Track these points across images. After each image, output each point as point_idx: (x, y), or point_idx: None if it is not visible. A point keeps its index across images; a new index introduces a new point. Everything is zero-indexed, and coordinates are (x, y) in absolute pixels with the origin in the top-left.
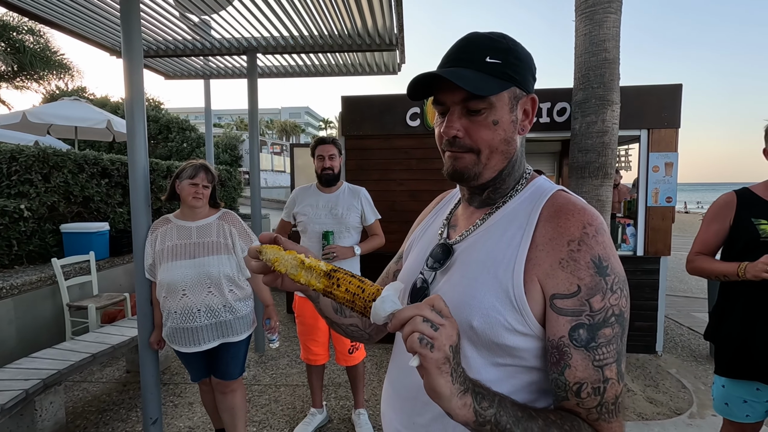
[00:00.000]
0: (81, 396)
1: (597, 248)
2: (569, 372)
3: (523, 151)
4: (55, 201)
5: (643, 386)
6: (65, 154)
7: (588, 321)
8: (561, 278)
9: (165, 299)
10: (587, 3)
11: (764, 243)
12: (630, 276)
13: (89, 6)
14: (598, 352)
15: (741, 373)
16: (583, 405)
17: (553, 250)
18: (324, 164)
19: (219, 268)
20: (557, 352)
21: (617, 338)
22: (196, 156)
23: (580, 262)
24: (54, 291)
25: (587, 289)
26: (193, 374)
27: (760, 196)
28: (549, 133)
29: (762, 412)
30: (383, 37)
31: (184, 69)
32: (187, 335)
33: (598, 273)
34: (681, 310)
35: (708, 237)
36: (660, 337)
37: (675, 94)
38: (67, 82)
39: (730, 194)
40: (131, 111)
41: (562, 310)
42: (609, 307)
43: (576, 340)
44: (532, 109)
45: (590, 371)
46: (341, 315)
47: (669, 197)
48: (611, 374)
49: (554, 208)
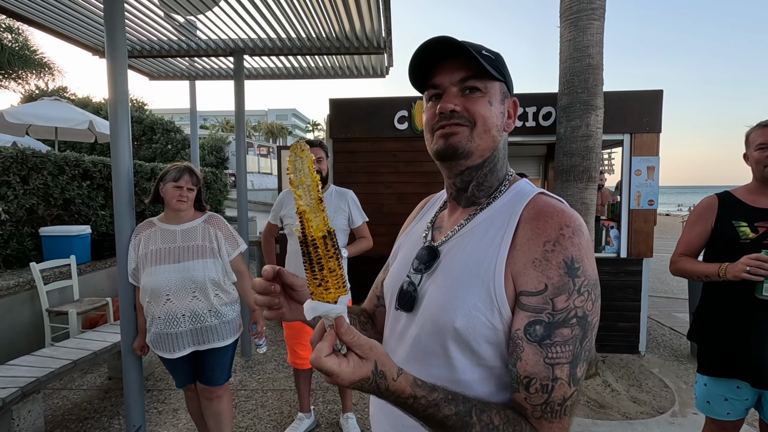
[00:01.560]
0: (61, 404)
1: (571, 249)
2: (520, 364)
3: (506, 152)
4: (34, 203)
5: (627, 386)
6: (45, 155)
7: (547, 319)
8: (531, 276)
9: (149, 304)
10: (572, 10)
11: (744, 244)
12: (613, 278)
13: (71, 5)
14: (551, 350)
15: (722, 372)
16: (530, 401)
17: (529, 250)
18: None
19: (204, 273)
20: (512, 344)
21: (575, 340)
22: (181, 158)
23: (552, 262)
24: (33, 296)
25: (554, 288)
26: (179, 380)
27: (741, 200)
28: (535, 136)
29: (742, 410)
30: (371, 40)
31: (169, 70)
32: (171, 341)
33: (568, 274)
34: (662, 310)
35: (691, 239)
36: (643, 337)
37: (656, 99)
38: (47, 81)
39: (712, 197)
40: (115, 112)
41: (524, 306)
42: (572, 308)
43: (530, 335)
44: (513, 110)
45: (540, 367)
46: None
47: (651, 200)
48: (561, 374)
49: (534, 210)
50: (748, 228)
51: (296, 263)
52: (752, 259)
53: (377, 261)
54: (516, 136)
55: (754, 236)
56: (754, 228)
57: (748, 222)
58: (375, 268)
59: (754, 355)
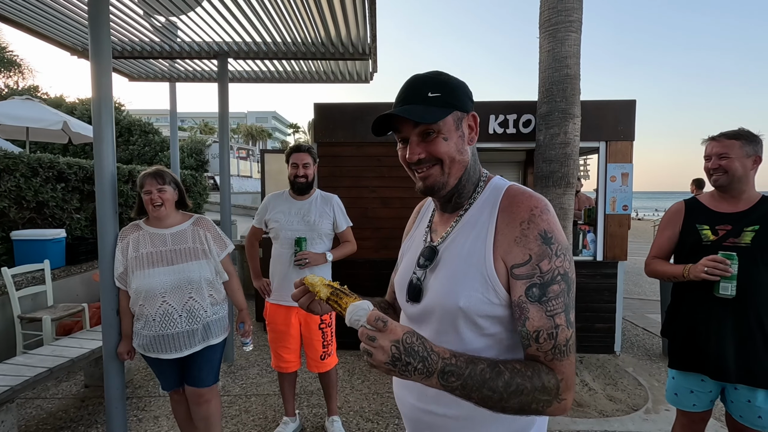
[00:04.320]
0: (35, 413)
1: (542, 224)
2: (529, 323)
3: (476, 158)
4: (6, 206)
5: (603, 385)
6: (18, 156)
7: (539, 281)
8: (516, 252)
9: (142, 307)
10: (550, 22)
11: (706, 246)
12: (590, 280)
13: (50, 3)
14: (549, 305)
15: (688, 366)
16: (541, 349)
17: (510, 232)
18: (297, 172)
19: (200, 274)
20: (518, 310)
21: (564, 293)
22: (159, 160)
23: (530, 236)
24: (3, 302)
25: (536, 256)
26: (166, 383)
27: (705, 205)
28: (515, 143)
29: (707, 401)
30: (356, 46)
31: (150, 71)
32: (167, 342)
33: (545, 243)
34: (636, 311)
35: (662, 242)
36: (618, 337)
37: (629, 109)
38: (17, 80)
39: (680, 203)
40: (98, 114)
41: (519, 276)
42: (555, 268)
43: (530, 297)
44: (475, 123)
45: (544, 320)
46: None
47: (625, 205)
48: (561, 321)
49: (508, 200)
50: (709, 231)
51: (279, 266)
52: (710, 260)
53: (361, 265)
54: (496, 142)
55: (715, 239)
56: (715, 231)
57: (710, 225)
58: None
59: (714, 350)
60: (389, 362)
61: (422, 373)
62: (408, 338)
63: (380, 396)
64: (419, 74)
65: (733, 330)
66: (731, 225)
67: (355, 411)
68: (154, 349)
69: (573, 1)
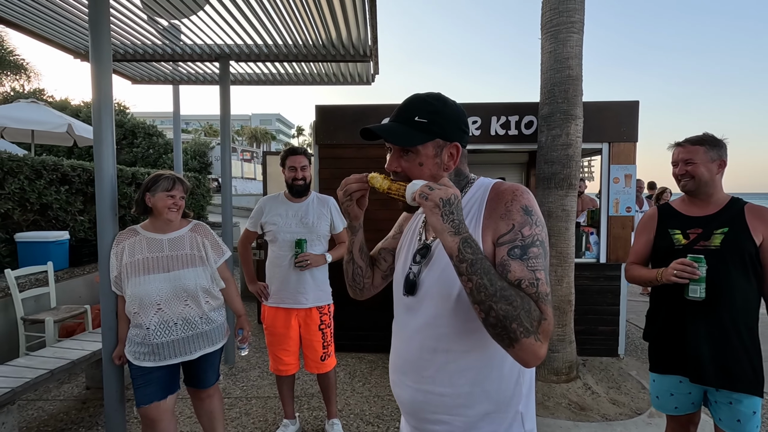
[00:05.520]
0: (36, 415)
1: (524, 201)
2: (510, 275)
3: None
4: (9, 208)
5: (606, 388)
6: (22, 159)
7: (521, 243)
8: (501, 225)
9: (136, 314)
10: (552, 23)
11: (678, 250)
12: (593, 282)
13: (53, 7)
14: (529, 262)
15: (665, 368)
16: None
17: (495, 214)
18: (296, 175)
19: (196, 281)
20: (501, 267)
21: (541, 256)
22: (163, 162)
23: (513, 210)
24: (7, 304)
25: (519, 225)
26: (154, 393)
27: (677, 209)
28: (517, 144)
29: (688, 404)
30: (357, 48)
31: (152, 74)
32: (163, 349)
33: (526, 213)
34: (640, 314)
35: (639, 248)
36: (622, 340)
37: (633, 110)
38: (23, 83)
39: (654, 209)
40: (99, 117)
41: (502, 243)
42: (535, 234)
43: (512, 255)
44: (456, 153)
45: (526, 272)
46: (361, 254)
47: (629, 207)
48: (541, 276)
49: (495, 192)
50: (681, 235)
51: (278, 269)
52: (678, 263)
53: None
54: (498, 144)
55: (686, 242)
56: (687, 235)
57: (682, 230)
58: None
59: (690, 352)
60: (443, 200)
61: (455, 226)
62: (461, 201)
63: (381, 399)
64: (419, 95)
65: (707, 332)
66: (701, 228)
67: (355, 414)
68: (149, 357)
69: (574, 2)
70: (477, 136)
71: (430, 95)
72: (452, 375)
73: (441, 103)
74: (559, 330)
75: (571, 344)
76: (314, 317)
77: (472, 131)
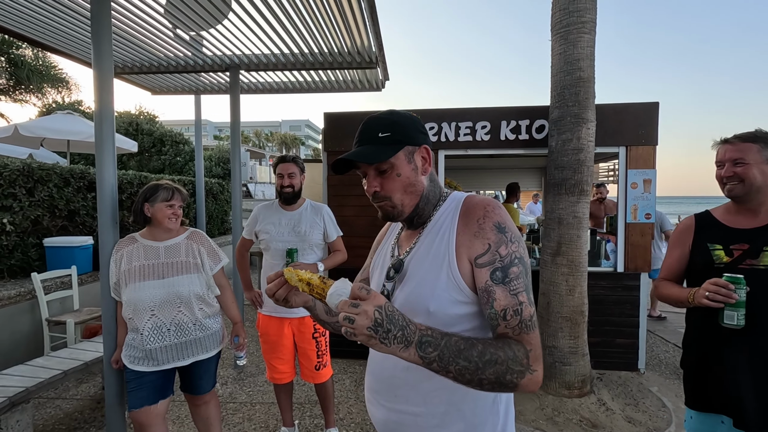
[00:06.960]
0: (53, 413)
1: (495, 217)
2: (496, 303)
3: (434, 183)
4: (39, 215)
5: (623, 405)
6: (51, 168)
7: (500, 264)
8: (476, 245)
9: (131, 320)
10: (562, 24)
11: (718, 269)
12: (610, 292)
13: (61, 19)
14: (511, 285)
15: (703, 406)
16: (509, 325)
17: (468, 230)
18: (283, 182)
19: (189, 288)
20: (486, 294)
21: (522, 274)
22: (189, 169)
23: (486, 229)
24: (33, 306)
25: (494, 244)
26: (146, 396)
27: (719, 220)
28: (528, 149)
29: None
30: (363, 55)
31: (170, 84)
32: (157, 354)
33: (500, 231)
34: (667, 326)
35: (671, 263)
36: (642, 354)
37: (652, 112)
38: (64, 95)
39: (690, 218)
40: (100, 126)
41: (482, 264)
42: (512, 252)
43: (495, 280)
44: (427, 155)
45: (509, 299)
46: (330, 315)
47: (648, 214)
48: (523, 299)
49: (466, 207)
50: (722, 251)
51: None
52: (712, 284)
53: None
54: (508, 149)
55: (729, 260)
56: (729, 251)
57: (723, 245)
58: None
59: (731, 391)
60: (372, 327)
61: (401, 342)
62: (389, 306)
63: None
64: (372, 116)
65: (749, 368)
66: (748, 243)
67: (356, 423)
68: (143, 362)
69: (585, 2)
70: (486, 141)
71: (381, 113)
72: (426, 394)
73: (394, 114)
74: (570, 342)
75: (584, 357)
76: (308, 325)
77: (481, 136)
